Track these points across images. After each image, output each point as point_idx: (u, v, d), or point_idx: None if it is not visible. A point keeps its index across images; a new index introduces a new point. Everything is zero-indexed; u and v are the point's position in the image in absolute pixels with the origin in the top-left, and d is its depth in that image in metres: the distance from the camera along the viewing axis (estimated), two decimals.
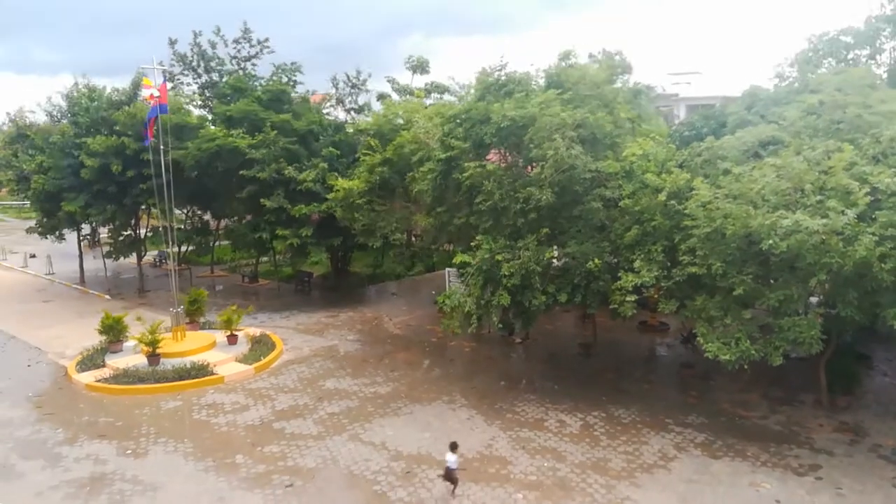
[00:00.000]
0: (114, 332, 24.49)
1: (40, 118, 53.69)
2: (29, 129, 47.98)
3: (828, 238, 14.97)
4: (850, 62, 27.74)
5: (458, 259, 21.90)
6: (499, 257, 19.01)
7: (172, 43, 41.01)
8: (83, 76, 39.14)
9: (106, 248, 38.66)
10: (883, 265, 14.89)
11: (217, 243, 42.00)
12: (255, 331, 26.63)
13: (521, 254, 19.06)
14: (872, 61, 28.02)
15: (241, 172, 30.24)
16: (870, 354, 22.97)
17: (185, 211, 41.14)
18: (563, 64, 23.17)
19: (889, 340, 23.36)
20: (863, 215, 15.35)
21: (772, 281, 17.26)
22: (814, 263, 15.37)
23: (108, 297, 35.28)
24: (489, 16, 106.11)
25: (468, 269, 20.46)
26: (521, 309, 19.95)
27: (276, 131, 30.75)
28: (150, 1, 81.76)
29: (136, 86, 35.98)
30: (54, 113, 49.80)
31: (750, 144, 19.54)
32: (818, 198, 15.84)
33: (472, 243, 20.75)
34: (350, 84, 42.34)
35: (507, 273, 18.78)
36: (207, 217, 40.64)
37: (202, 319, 27.57)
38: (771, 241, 15.29)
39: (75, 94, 38.01)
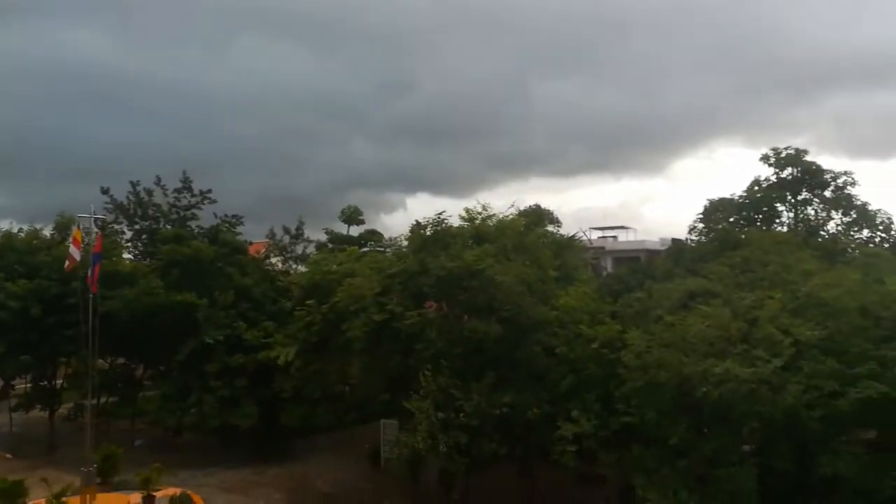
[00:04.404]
0: (11, 498, 22.13)
1: None
2: None
3: (757, 387, 15.43)
4: (752, 223, 30.65)
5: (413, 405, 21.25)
6: (454, 391, 18.80)
7: (105, 191, 40.86)
8: (29, 224, 38.10)
9: (13, 401, 36.00)
10: (811, 413, 15.32)
11: (141, 394, 39.79)
12: (176, 490, 24.68)
13: (475, 396, 18.91)
14: (776, 223, 31.04)
15: (188, 328, 29.53)
16: None
17: (108, 360, 39.24)
18: (492, 220, 24.31)
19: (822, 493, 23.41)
20: (789, 365, 15.99)
21: (705, 430, 17.45)
22: (745, 412, 15.69)
23: (9, 455, 32.34)
24: (435, 175, 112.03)
25: (419, 404, 19.89)
26: (468, 456, 19.40)
27: (232, 293, 30.53)
28: (109, 150, 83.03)
29: (61, 230, 35.20)
30: None
31: (680, 295, 20.49)
32: (744, 346, 16.49)
33: (411, 390, 20.45)
34: (289, 234, 42.83)
35: (467, 411, 18.49)
36: (134, 365, 38.79)
37: (117, 479, 25.45)
38: (704, 389, 15.63)
39: None
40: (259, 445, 33.43)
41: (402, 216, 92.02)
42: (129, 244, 40.65)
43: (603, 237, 58.04)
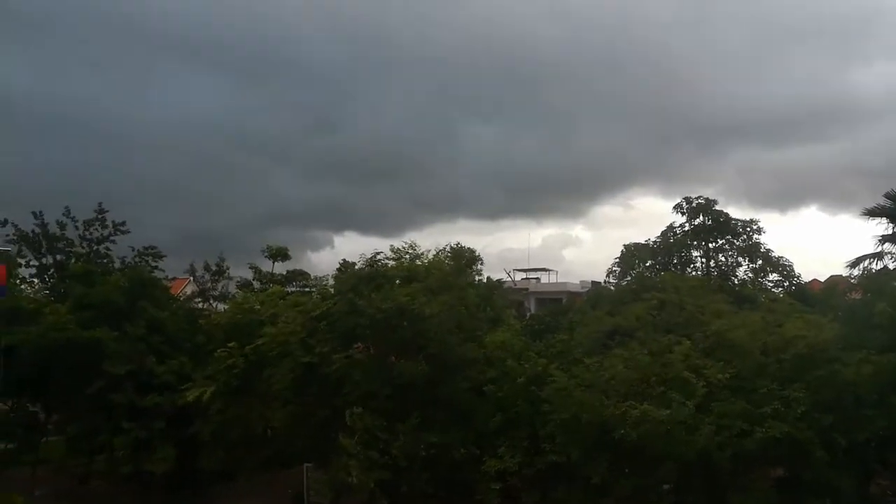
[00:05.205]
0: None
1: None
2: None
3: (672, 428, 16.17)
4: (667, 267, 32.42)
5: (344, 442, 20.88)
6: (378, 433, 18.73)
7: (4, 223, 38.87)
8: None
9: None
10: (722, 453, 16.14)
11: (44, 439, 37.43)
12: None
13: (401, 436, 18.90)
14: (689, 267, 32.95)
15: (99, 365, 28.10)
16: None
17: (8, 403, 36.82)
18: (417, 261, 24.71)
19: None
20: (701, 406, 16.85)
21: (626, 469, 18.07)
22: (662, 452, 16.38)
23: None
24: (363, 213, 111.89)
25: (348, 442, 19.65)
26: (392, 495, 19.30)
27: (143, 325, 29.33)
28: (11, 178, 78.92)
29: None
30: None
31: (598, 335, 21.28)
32: (661, 389, 17.28)
33: (338, 431, 20.25)
34: (210, 272, 41.80)
35: (393, 452, 18.43)
36: (36, 409, 36.51)
37: None
38: (623, 431, 16.24)
39: None
40: (175, 491, 31.97)
41: (328, 254, 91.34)
42: (34, 278, 38.72)
43: (526, 279, 59.39)
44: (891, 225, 29.41)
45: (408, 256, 24.75)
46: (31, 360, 28.60)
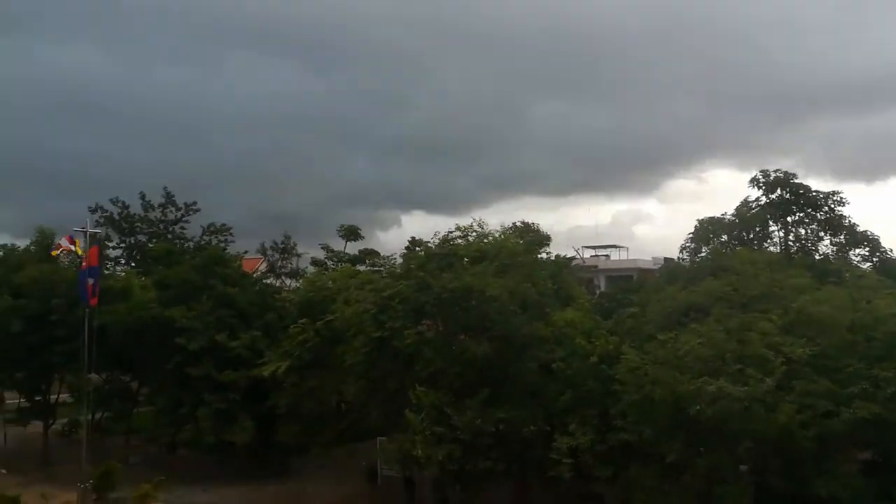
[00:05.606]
0: None
1: None
2: None
3: (750, 405, 15.68)
4: (743, 242, 31.23)
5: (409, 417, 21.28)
6: (446, 409, 18.95)
7: (95, 209, 41.08)
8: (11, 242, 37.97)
9: (8, 415, 35.84)
10: (805, 433, 15.56)
11: (136, 410, 39.65)
12: None
13: (468, 412, 19.08)
14: (767, 242, 31.59)
15: (175, 340, 29.45)
16: None
17: (104, 375, 39.09)
18: (484, 239, 24.64)
19: None
20: (781, 384, 16.26)
21: (701, 448, 17.67)
22: (739, 430, 15.92)
23: (4, 471, 32.14)
24: (430, 192, 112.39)
25: (414, 417, 19.98)
26: (461, 469, 19.54)
27: (210, 300, 30.47)
28: (101, 165, 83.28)
29: (42, 247, 35.01)
30: None
31: (672, 312, 20.77)
32: (738, 366, 16.76)
33: (407, 407, 20.58)
34: (279, 250, 43.03)
35: (460, 426, 18.64)
36: (129, 380, 38.69)
37: (113, 495, 25.38)
38: (698, 407, 15.87)
39: None
40: (255, 462, 33.33)
41: (396, 233, 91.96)
42: (121, 259, 40.87)
43: (596, 256, 58.42)
44: None
45: (474, 234, 24.76)
46: (120, 337, 30.23)
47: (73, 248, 26.17)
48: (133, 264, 40.77)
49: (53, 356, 30.50)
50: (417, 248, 27.86)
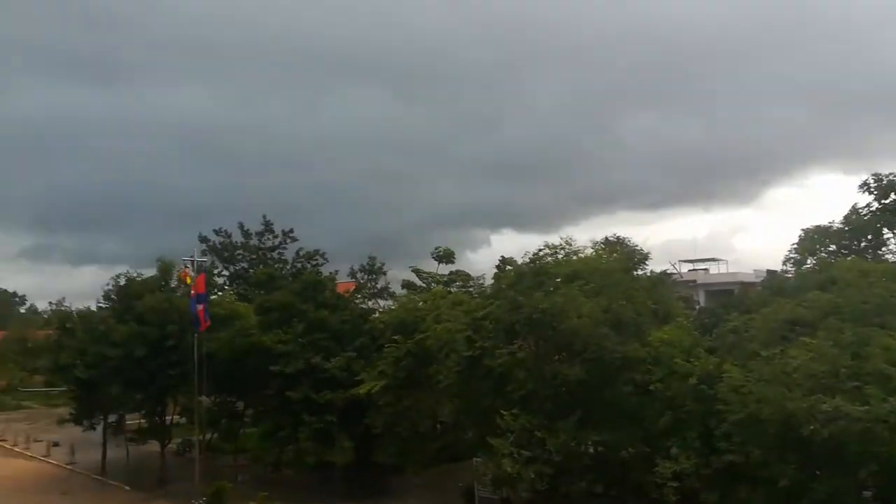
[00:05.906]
0: None
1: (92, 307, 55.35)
2: (69, 319, 49.39)
3: (872, 426, 14.61)
4: (853, 251, 29.33)
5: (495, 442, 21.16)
6: (538, 433, 18.73)
7: (203, 239, 43.73)
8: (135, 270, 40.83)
9: (129, 435, 38.29)
10: None
11: (242, 431, 41.37)
12: None
13: (561, 434, 18.77)
14: (882, 251, 29.53)
15: (270, 368, 30.67)
16: None
17: (213, 398, 41.10)
18: (574, 256, 24.20)
19: None
20: None
21: (817, 472, 16.57)
22: (861, 453, 14.84)
23: (127, 487, 34.30)
24: (519, 210, 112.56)
25: (500, 441, 19.80)
26: (554, 490, 19.18)
27: (303, 324, 31.52)
28: (206, 196, 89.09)
29: (164, 274, 37.26)
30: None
31: (777, 326, 19.71)
32: (854, 383, 15.68)
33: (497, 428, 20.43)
34: (367, 271, 44.15)
35: (552, 448, 18.38)
36: (235, 401, 40.49)
37: None
38: (812, 427, 14.93)
39: (111, 285, 39.38)
40: (354, 483, 33.99)
41: (486, 252, 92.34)
42: (225, 285, 43.08)
43: (693, 270, 56.36)
44: None
45: (563, 252, 24.39)
46: (225, 362, 31.74)
47: (192, 275, 27.88)
48: (235, 290, 42.85)
49: (168, 379, 32.39)
50: (508, 267, 27.82)
